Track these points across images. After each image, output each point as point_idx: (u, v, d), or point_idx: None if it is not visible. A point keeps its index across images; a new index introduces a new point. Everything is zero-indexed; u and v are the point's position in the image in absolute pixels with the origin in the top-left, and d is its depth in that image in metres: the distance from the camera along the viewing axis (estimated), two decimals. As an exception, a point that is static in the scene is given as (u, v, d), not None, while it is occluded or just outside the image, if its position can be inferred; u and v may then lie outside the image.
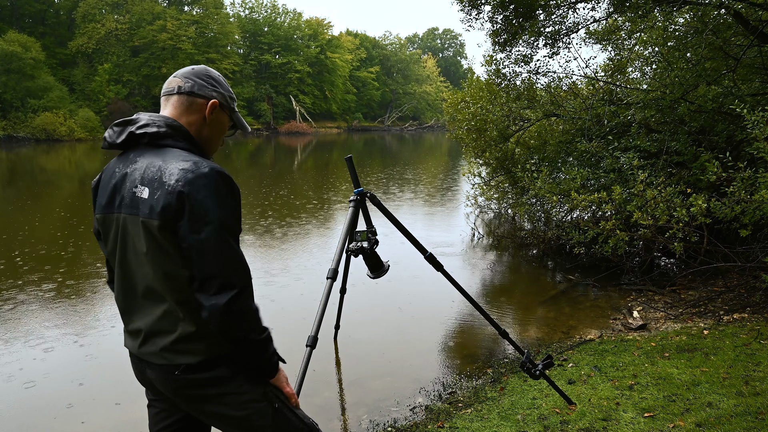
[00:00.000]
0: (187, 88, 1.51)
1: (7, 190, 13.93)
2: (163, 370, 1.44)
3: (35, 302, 5.26)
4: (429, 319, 4.96)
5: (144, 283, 1.41)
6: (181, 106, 1.51)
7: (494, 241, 8.28)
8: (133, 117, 1.49)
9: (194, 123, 1.52)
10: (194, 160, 1.37)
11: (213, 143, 1.58)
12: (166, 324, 1.40)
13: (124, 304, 1.50)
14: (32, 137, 34.52)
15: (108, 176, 1.49)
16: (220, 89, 1.56)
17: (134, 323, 1.47)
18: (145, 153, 1.44)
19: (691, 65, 5.69)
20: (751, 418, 2.68)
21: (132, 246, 1.41)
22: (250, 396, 1.47)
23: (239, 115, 1.64)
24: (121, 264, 1.45)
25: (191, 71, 1.54)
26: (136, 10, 44.53)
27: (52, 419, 3.29)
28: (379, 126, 64.30)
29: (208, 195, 1.32)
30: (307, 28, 57.18)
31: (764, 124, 3.89)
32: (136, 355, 1.51)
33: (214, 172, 1.35)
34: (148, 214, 1.34)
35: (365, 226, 2.89)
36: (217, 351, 1.43)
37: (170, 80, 1.55)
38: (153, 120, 1.46)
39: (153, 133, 1.43)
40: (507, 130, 7.97)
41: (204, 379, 1.43)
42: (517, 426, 2.89)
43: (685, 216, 4.28)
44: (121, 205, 1.42)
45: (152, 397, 1.60)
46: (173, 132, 1.45)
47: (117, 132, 1.48)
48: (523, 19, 6.92)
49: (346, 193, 12.52)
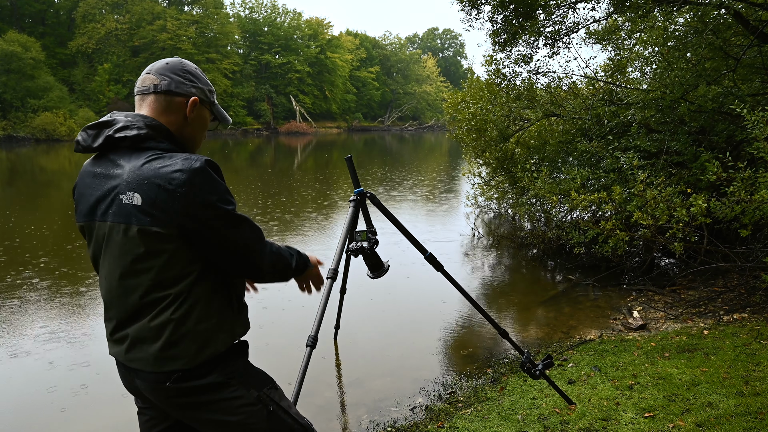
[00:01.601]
0: (164, 87, 1.42)
1: (7, 190, 13.92)
2: (153, 379, 1.39)
3: (35, 302, 5.26)
4: (429, 319, 4.95)
5: (134, 289, 1.36)
6: (159, 106, 1.42)
7: (494, 241, 8.28)
8: (108, 119, 1.40)
9: (174, 122, 1.44)
10: (182, 157, 1.33)
11: (196, 140, 1.51)
12: (154, 330, 1.35)
13: (111, 310, 1.44)
14: (32, 137, 34.52)
15: (86, 181, 1.42)
16: (199, 83, 1.48)
17: (121, 330, 1.41)
18: (126, 156, 1.37)
19: (691, 65, 5.69)
20: (751, 418, 2.68)
21: (120, 253, 1.35)
22: (244, 400, 1.44)
23: (219, 108, 1.57)
24: (108, 271, 1.40)
25: (166, 66, 1.45)
26: (136, 10, 44.55)
27: (52, 419, 3.29)
28: (379, 126, 64.29)
29: (210, 190, 1.32)
30: (307, 28, 57.20)
31: (764, 124, 3.88)
32: (123, 363, 1.45)
33: (205, 163, 1.32)
34: (148, 222, 1.29)
35: (365, 226, 2.89)
36: (206, 355, 1.39)
37: (144, 77, 1.45)
38: (132, 122, 1.38)
39: (134, 136, 1.36)
40: (507, 130, 7.97)
41: (196, 387, 1.39)
42: (517, 426, 2.89)
43: (685, 216, 4.28)
44: (106, 213, 1.36)
45: (142, 405, 1.56)
46: (155, 133, 1.38)
47: (92, 135, 1.40)
48: (523, 19, 6.92)
49: (346, 193, 12.52)
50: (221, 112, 1.57)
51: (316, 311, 2.34)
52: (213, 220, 1.33)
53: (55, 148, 29.80)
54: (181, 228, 1.30)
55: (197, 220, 1.31)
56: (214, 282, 1.41)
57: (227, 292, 1.45)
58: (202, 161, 1.32)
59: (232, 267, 1.43)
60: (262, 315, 4.89)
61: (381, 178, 16.00)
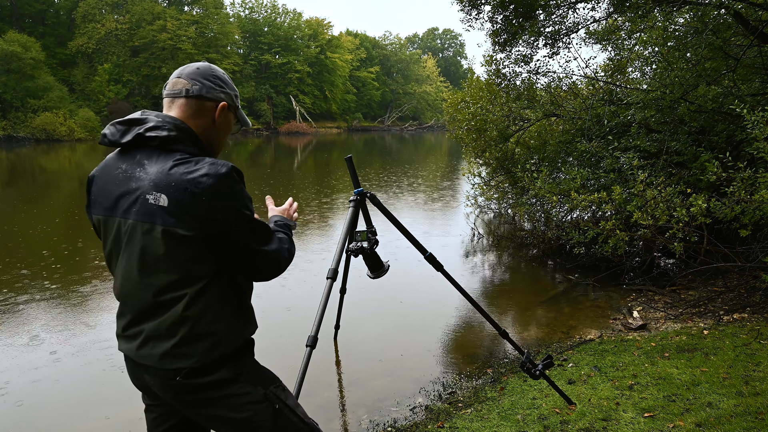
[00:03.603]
0: (196, 91, 1.46)
1: (7, 190, 13.93)
2: (163, 375, 1.41)
3: (34, 303, 5.26)
4: (429, 319, 4.95)
5: (154, 287, 1.38)
6: (189, 110, 1.46)
7: (494, 241, 8.28)
8: (139, 116, 1.44)
9: (202, 126, 1.48)
10: (209, 162, 1.36)
11: (220, 144, 1.56)
12: (169, 328, 1.38)
13: (126, 307, 1.46)
14: (32, 137, 34.52)
15: (110, 175, 1.44)
16: (227, 89, 1.53)
17: (135, 326, 1.44)
18: (153, 156, 1.39)
19: (691, 65, 5.69)
20: (751, 418, 2.68)
21: (140, 251, 1.38)
22: (251, 398, 1.46)
23: (242, 112, 1.62)
24: (125, 269, 1.42)
25: (197, 71, 1.49)
26: (136, 10, 44.54)
27: (50, 419, 3.29)
28: (379, 126, 64.29)
29: (234, 196, 1.36)
30: (307, 28, 57.20)
31: (764, 124, 3.89)
32: (132, 359, 1.47)
33: (231, 169, 1.37)
34: (173, 223, 1.32)
35: (365, 226, 2.89)
36: (217, 354, 1.42)
37: (175, 81, 1.48)
38: (162, 122, 1.41)
39: (164, 137, 1.38)
40: (507, 130, 7.97)
41: (205, 383, 1.42)
42: (517, 426, 2.89)
43: (685, 216, 4.28)
44: (129, 211, 1.38)
45: (149, 401, 1.58)
46: (183, 136, 1.41)
47: (121, 131, 1.43)
48: (523, 19, 6.92)
49: (346, 193, 12.52)
50: (243, 116, 1.63)
51: (316, 311, 2.34)
52: (235, 225, 1.37)
53: (55, 148, 29.80)
54: (203, 231, 1.34)
55: (220, 224, 1.35)
56: (226, 283, 1.44)
57: (238, 293, 1.48)
58: (228, 167, 1.36)
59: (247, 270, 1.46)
60: (262, 315, 4.87)
61: (381, 178, 16.00)
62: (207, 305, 1.39)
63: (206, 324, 1.39)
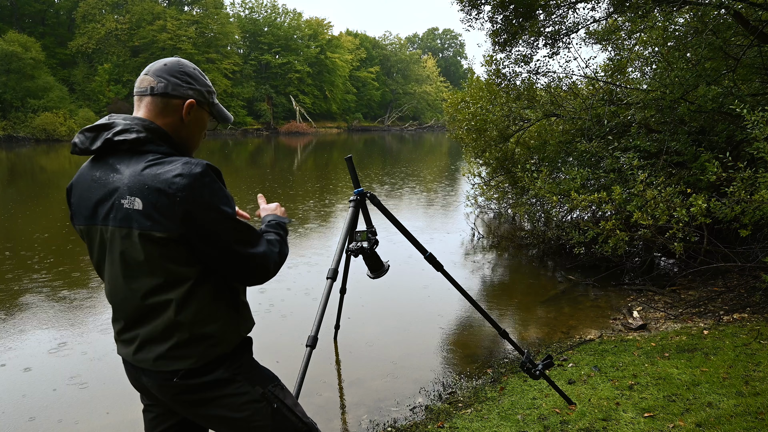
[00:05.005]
0: (161, 89, 1.41)
1: (7, 190, 13.92)
2: (160, 377, 1.41)
3: (34, 303, 5.26)
4: (429, 319, 4.95)
5: (140, 292, 1.37)
6: (156, 108, 1.42)
7: (494, 241, 8.28)
8: (107, 121, 1.41)
9: (171, 125, 1.43)
10: (182, 162, 1.33)
11: (193, 142, 1.50)
12: (162, 331, 1.37)
13: (118, 312, 1.45)
14: (32, 137, 34.52)
15: (85, 184, 1.42)
16: (196, 85, 1.47)
17: (129, 331, 1.43)
18: (125, 160, 1.37)
19: (691, 65, 5.69)
20: (751, 418, 2.68)
21: (124, 257, 1.36)
22: (249, 397, 1.46)
23: (220, 107, 1.56)
24: (112, 275, 1.41)
25: (164, 68, 1.43)
26: (136, 10, 44.55)
27: (51, 419, 3.29)
28: (379, 126, 64.30)
29: (210, 194, 1.32)
30: (307, 28, 57.21)
31: (764, 124, 3.89)
32: (130, 362, 1.48)
33: (206, 168, 1.33)
34: (149, 227, 1.30)
35: (365, 226, 2.89)
36: (214, 354, 1.41)
37: (142, 78, 1.44)
38: (130, 125, 1.37)
39: (133, 140, 1.35)
40: (507, 130, 7.97)
41: (202, 384, 1.41)
42: (517, 426, 2.89)
43: (685, 216, 4.28)
44: (107, 218, 1.36)
45: (147, 402, 1.58)
46: (153, 136, 1.38)
47: (90, 138, 1.40)
48: (523, 19, 6.92)
49: (346, 193, 12.52)
50: (221, 111, 1.56)
51: (316, 311, 2.34)
52: (213, 225, 1.33)
53: (55, 148, 29.80)
54: (180, 233, 1.31)
55: (197, 225, 1.31)
56: (215, 283, 1.42)
57: (229, 292, 1.46)
58: (203, 166, 1.32)
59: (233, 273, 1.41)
60: (262, 315, 4.89)
61: (381, 178, 16.00)
62: (199, 307, 1.38)
63: (201, 326, 1.38)
